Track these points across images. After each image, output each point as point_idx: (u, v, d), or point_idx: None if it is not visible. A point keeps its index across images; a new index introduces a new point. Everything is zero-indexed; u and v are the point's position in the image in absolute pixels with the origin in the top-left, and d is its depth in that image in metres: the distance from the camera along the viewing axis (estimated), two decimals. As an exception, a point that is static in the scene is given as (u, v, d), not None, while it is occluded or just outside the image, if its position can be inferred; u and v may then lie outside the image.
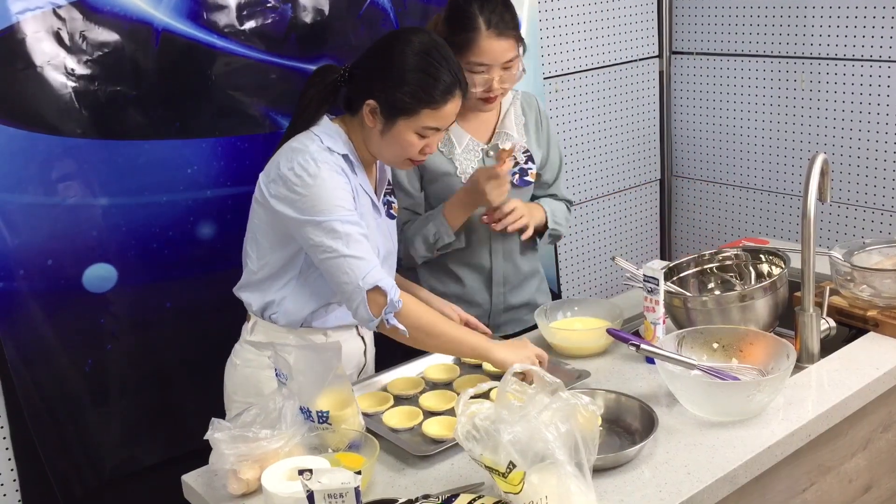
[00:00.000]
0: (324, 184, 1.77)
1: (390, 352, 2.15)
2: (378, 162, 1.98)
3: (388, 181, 2.05)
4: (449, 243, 2.18)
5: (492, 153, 2.23)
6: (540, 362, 1.82)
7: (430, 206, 2.27)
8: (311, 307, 1.92)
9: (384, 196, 2.01)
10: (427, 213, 2.24)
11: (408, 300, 1.79)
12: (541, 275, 2.44)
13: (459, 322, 2.06)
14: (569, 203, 2.44)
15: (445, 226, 2.17)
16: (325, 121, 1.89)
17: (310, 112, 1.88)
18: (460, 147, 2.22)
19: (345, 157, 1.85)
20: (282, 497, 1.43)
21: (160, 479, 2.28)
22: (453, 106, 1.84)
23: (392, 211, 2.03)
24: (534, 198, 2.38)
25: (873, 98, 3.05)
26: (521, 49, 2.13)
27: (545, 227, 2.30)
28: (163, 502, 2.04)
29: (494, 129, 2.27)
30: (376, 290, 1.74)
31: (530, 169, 2.27)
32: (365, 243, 1.78)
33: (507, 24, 2.08)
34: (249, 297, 1.95)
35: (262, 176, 1.87)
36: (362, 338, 2.06)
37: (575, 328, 2.12)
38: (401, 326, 1.76)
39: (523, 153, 2.26)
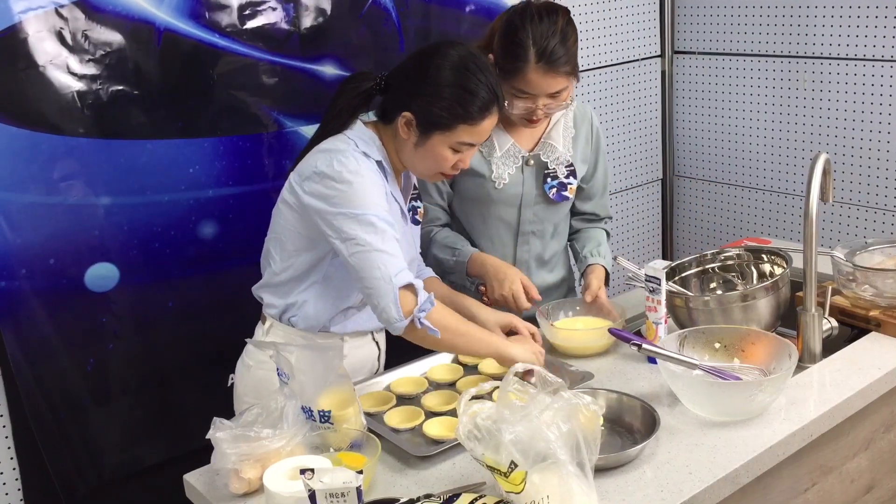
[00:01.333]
0: (364, 181, 1.75)
1: (396, 352, 2.15)
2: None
3: (415, 186, 2.03)
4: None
5: (531, 162, 2.18)
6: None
7: (459, 204, 2.25)
8: (332, 312, 1.90)
9: (409, 202, 2.00)
10: (454, 240, 2.21)
11: (440, 306, 1.76)
12: (568, 285, 2.40)
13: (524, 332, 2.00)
14: (608, 221, 2.40)
15: (463, 276, 2.18)
16: (360, 125, 1.86)
17: (343, 118, 1.86)
18: (500, 151, 2.17)
19: (378, 163, 1.83)
20: (283, 496, 1.43)
21: (161, 479, 2.29)
22: (490, 122, 1.82)
23: (417, 217, 2.01)
24: (574, 213, 2.35)
25: (876, 98, 3.05)
26: (573, 79, 2.07)
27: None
28: (164, 502, 2.04)
29: (540, 139, 2.21)
30: (409, 287, 1.71)
31: (570, 184, 2.22)
32: (397, 245, 1.76)
33: (559, 59, 1.99)
34: (271, 298, 1.93)
35: (293, 176, 1.84)
36: (377, 343, 2.04)
37: (576, 328, 2.11)
38: (433, 327, 1.73)
39: (566, 167, 2.21)
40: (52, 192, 2.14)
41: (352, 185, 1.74)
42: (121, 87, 2.19)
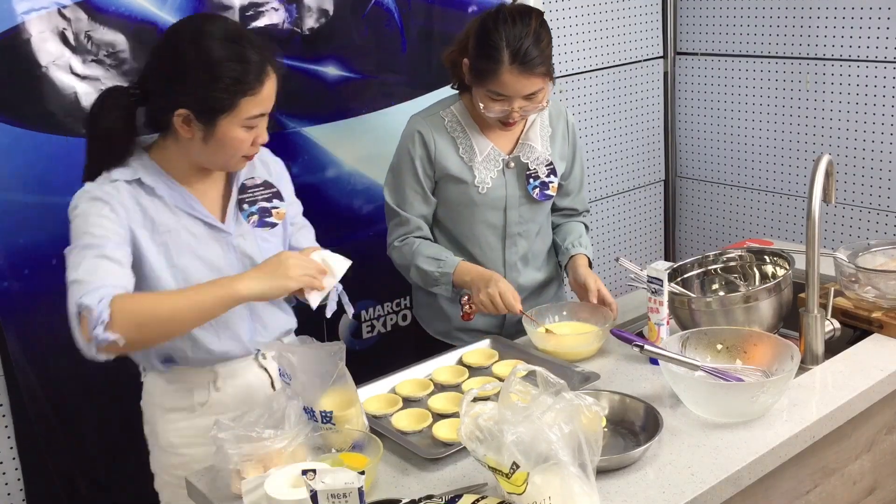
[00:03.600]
0: (77, 216, 1.65)
1: (399, 353, 2.15)
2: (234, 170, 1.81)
3: (269, 185, 1.86)
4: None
5: (512, 164, 2.19)
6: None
7: (443, 210, 2.24)
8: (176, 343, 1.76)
9: (255, 204, 1.82)
10: (438, 251, 2.18)
11: (117, 302, 1.54)
12: (558, 281, 2.41)
13: None
14: (586, 214, 2.42)
15: (449, 286, 2.16)
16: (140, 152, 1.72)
17: (115, 147, 1.69)
18: (481, 156, 2.18)
19: (137, 181, 1.69)
20: (285, 502, 1.42)
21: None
22: (271, 85, 1.68)
23: (271, 219, 1.84)
24: (553, 210, 2.36)
25: (878, 99, 3.05)
26: (548, 79, 2.05)
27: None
28: (166, 502, 2.04)
29: (518, 140, 2.22)
30: (84, 308, 1.54)
31: (552, 182, 2.23)
32: (99, 265, 1.59)
33: (534, 60, 1.98)
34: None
35: None
36: (265, 369, 1.88)
37: (564, 333, 2.09)
38: (113, 336, 1.53)
39: (546, 166, 2.23)
40: (55, 192, 2.14)
41: (73, 218, 1.66)
42: (123, 88, 2.20)
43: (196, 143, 1.68)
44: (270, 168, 1.90)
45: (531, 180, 2.21)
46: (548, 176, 2.23)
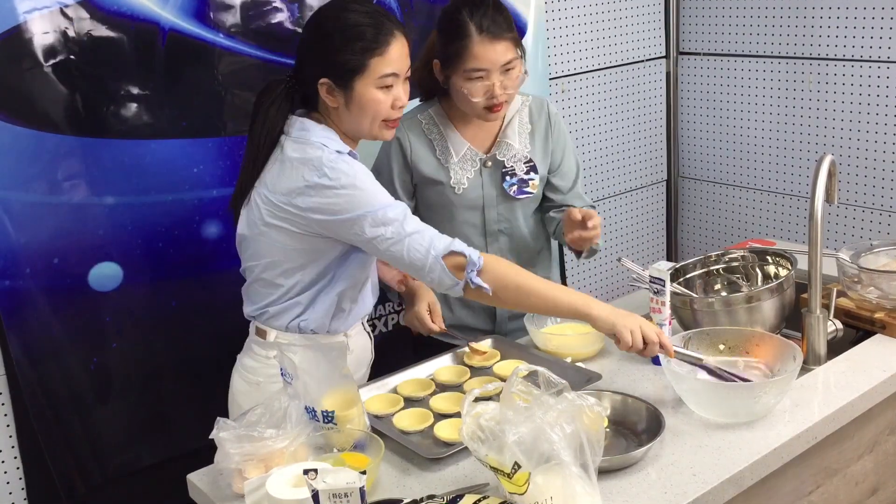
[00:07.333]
0: (364, 179, 1.76)
1: (401, 352, 2.15)
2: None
3: None
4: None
5: (489, 163, 2.19)
6: (645, 343, 1.76)
7: (422, 211, 2.23)
8: (337, 308, 1.89)
9: None
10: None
11: (490, 258, 1.78)
12: (554, 281, 2.39)
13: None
14: (591, 208, 2.35)
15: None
16: (310, 124, 1.82)
17: (274, 130, 1.82)
18: (457, 156, 2.18)
19: (349, 153, 1.82)
20: (287, 502, 1.42)
21: (163, 478, 2.29)
22: (399, 46, 1.80)
23: None
24: (550, 207, 2.31)
25: (881, 99, 3.04)
26: (519, 51, 2.08)
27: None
28: (165, 501, 2.04)
29: (495, 139, 2.21)
30: (452, 254, 1.75)
31: (531, 179, 2.22)
32: (416, 218, 1.78)
33: (500, 26, 2.03)
34: (276, 311, 1.88)
35: (269, 196, 1.79)
36: (369, 334, 2.06)
37: (566, 334, 2.08)
38: (484, 285, 1.75)
39: (525, 163, 2.21)
40: (57, 191, 2.14)
41: (354, 187, 1.74)
42: (125, 87, 2.19)
43: (342, 111, 1.81)
44: None
45: (507, 178, 2.20)
46: (527, 173, 2.21)
